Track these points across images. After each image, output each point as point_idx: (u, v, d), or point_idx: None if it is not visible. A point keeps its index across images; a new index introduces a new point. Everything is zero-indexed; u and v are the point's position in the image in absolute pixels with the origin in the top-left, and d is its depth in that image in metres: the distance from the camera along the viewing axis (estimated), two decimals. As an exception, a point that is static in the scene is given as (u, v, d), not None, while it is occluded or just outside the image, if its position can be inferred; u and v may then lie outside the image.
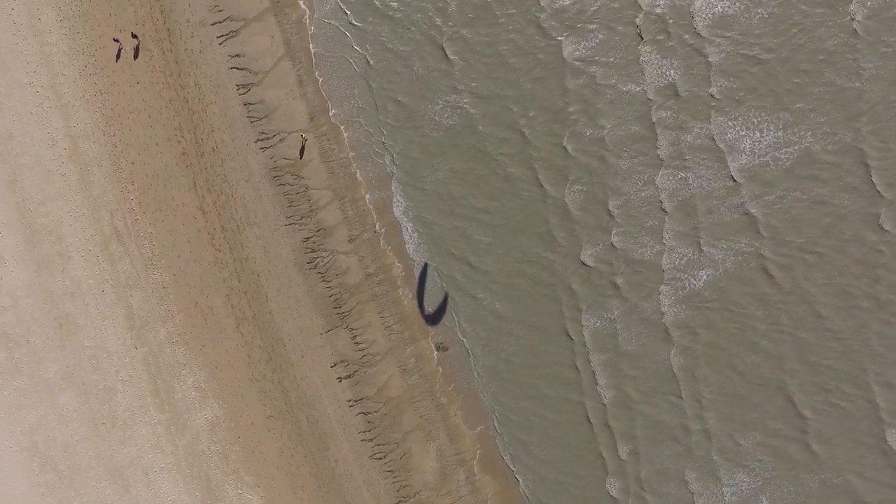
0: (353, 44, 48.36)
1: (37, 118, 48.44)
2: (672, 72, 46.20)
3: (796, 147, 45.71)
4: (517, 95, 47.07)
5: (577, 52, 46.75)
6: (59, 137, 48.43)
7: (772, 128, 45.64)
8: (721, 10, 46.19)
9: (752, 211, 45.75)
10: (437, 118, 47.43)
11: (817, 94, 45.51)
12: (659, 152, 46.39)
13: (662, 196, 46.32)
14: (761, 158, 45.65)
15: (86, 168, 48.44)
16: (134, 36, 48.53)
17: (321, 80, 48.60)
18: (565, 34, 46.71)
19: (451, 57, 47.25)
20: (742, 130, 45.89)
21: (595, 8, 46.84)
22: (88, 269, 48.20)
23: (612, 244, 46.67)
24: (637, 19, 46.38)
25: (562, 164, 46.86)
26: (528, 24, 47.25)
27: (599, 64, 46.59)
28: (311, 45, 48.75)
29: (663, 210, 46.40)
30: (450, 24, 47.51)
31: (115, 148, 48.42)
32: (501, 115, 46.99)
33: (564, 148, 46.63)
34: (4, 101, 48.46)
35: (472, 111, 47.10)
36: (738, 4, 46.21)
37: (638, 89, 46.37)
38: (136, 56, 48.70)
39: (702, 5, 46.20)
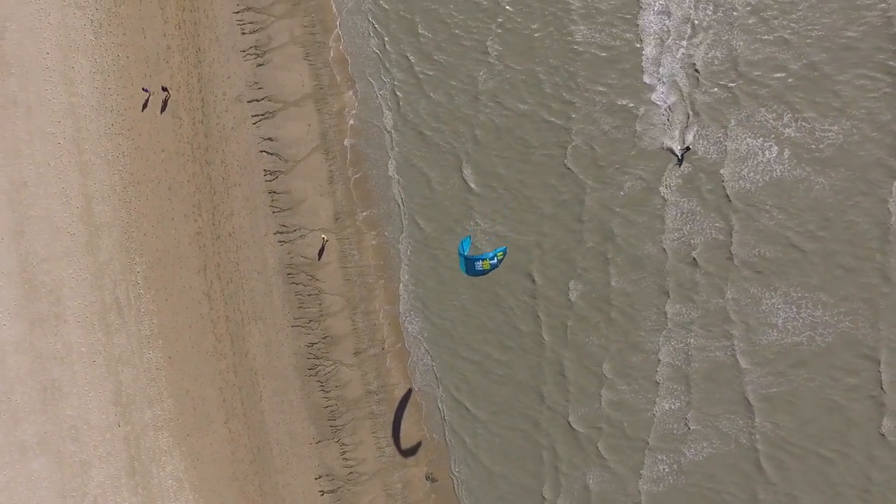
0: (390, 150, 45.60)
1: (54, 171, 46.24)
2: (695, 238, 43.11)
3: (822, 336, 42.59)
4: (535, 241, 44.21)
5: (601, 198, 43.87)
6: (74, 195, 46.22)
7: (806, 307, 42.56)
8: (755, 181, 43.00)
9: (756, 393, 42.76)
10: (453, 250, 44.69)
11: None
12: (668, 315, 43.51)
13: (661, 366, 43.43)
14: (794, 337, 42.43)
15: (96, 231, 46.23)
16: (164, 89, 46.06)
17: (353, 178, 45.81)
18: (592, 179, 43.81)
19: (475, 188, 44.43)
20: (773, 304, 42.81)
21: (630, 155, 43.80)
22: (83, 336, 46.12)
23: (602, 408, 43.91)
24: (665, 176, 43.40)
25: (563, 313, 44.07)
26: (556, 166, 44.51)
27: (620, 217, 43.67)
28: (346, 140, 45.87)
29: (656, 381, 43.50)
30: (479, 150, 44.81)
31: (129, 215, 46.13)
32: (517, 260, 44.09)
33: (570, 299, 43.79)
34: (24, 148, 46.31)
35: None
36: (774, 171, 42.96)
37: (655, 251, 43.31)
38: (162, 109, 46.25)
39: (732, 174, 43.01)
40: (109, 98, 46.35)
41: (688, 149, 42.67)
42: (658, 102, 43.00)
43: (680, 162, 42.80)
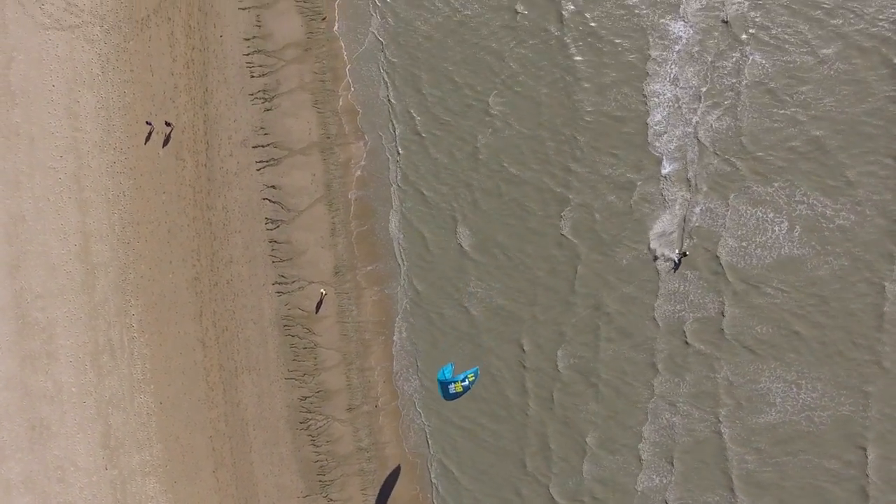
0: (394, 206, 44.72)
1: (53, 206, 45.54)
2: (689, 313, 42.16)
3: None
4: (527, 309, 43.51)
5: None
6: (72, 232, 45.51)
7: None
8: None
9: (741, 475, 41.90)
10: (447, 314, 44.04)
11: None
12: (656, 390, 42.64)
13: (645, 442, 42.55)
14: (782, 418, 41.51)
15: (92, 270, 45.52)
16: (167, 124, 45.23)
17: (356, 232, 44.96)
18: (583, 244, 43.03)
19: (470, 252, 43.53)
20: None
21: (628, 226, 42.85)
22: (74, 376, 45.49)
23: (585, 481, 43.06)
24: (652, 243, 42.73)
25: (551, 383, 43.49)
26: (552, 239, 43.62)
27: (614, 287, 42.73)
28: (351, 193, 45.00)
29: (640, 457, 42.63)
30: (477, 213, 43.87)
31: (126, 256, 45.39)
32: (508, 328, 43.26)
33: (558, 369, 43.01)
34: (24, 181, 45.62)
35: (479, 316, 43.42)
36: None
37: (647, 323, 42.37)
38: (165, 143, 45.43)
39: (730, 250, 41.97)
40: (113, 135, 45.58)
41: (685, 254, 41.73)
42: (661, 173, 41.94)
43: (676, 267, 41.84)
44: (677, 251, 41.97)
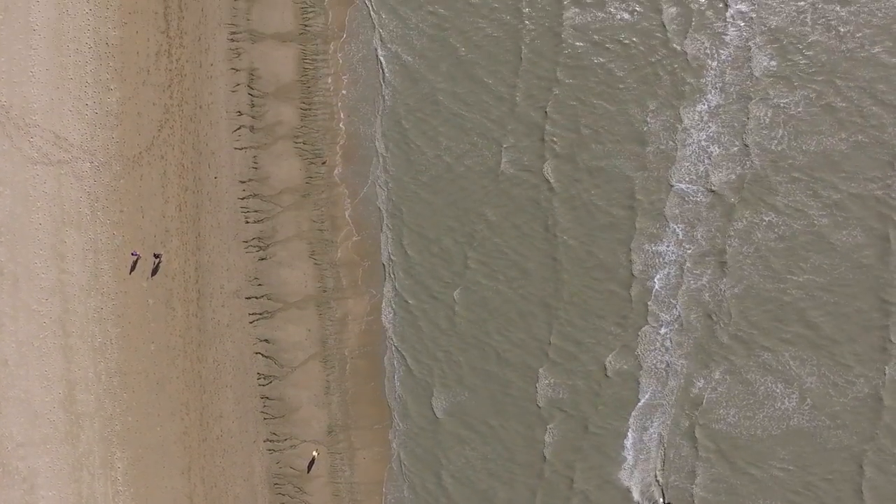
0: (390, 368, 43.13)
1: (37, 351, 43.83)
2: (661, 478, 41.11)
3: None
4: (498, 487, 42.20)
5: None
6: (56, 379, 43.85)
7: None
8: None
9: None
10: (430, 487, 42.76)
11: None
12: None
13: None
14: None
15: (77, 420, 43.90)
16: (156, 255, 43.36)
17: (351, 392, 43.44)
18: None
19: (445, 423, 42.36)
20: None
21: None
22: (55, 528, 43.95)
23: None
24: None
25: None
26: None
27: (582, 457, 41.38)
28: (347, 350, 43.38)
29: None
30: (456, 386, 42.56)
31: (113, 407, 43.79)
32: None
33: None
34: (7, 323, 43.85)
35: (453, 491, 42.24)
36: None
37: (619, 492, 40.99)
38: (153, 273, 43.61)
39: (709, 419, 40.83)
40: (101, 279, 43.78)
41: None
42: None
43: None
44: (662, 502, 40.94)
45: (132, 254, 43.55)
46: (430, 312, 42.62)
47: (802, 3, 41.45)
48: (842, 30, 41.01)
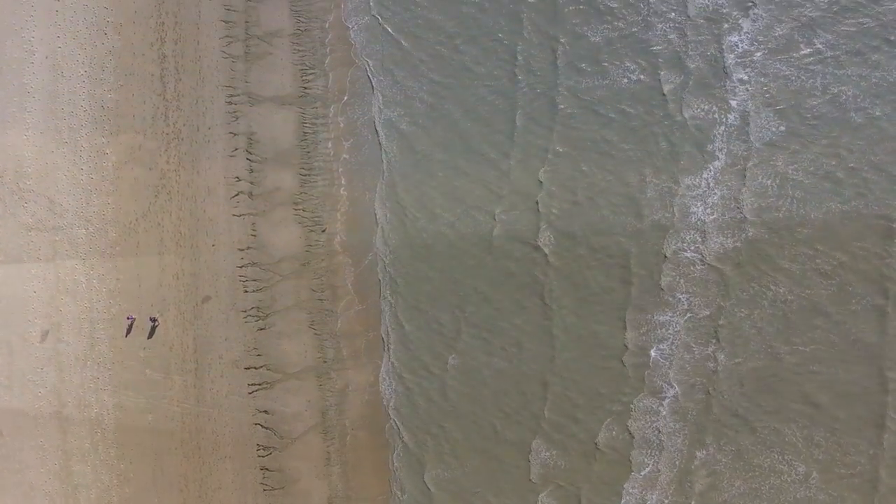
0: (393, 441, 42.50)
1: (31, 422, 43.11)
2: None
3: None
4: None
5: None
6: (51, 450, 43.10)
7: None
8: None
9: None
10: None
11: None
12: None
13: None
14: None
15: (73, 492, 43.23)
16: (152, 319, 42.62)
17: (352, 464, 42.77)
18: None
19: (434, 491, 41.83)
20: None
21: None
22: None
23: None
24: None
25: None
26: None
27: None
28: (348, 421, 42.75)
29: None
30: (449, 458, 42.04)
31: (110, 479, 43.06)
32: None
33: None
34: (1, 393, 43.02)
35: None
36: None
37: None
38: (150, 336, 42.87)
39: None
40: (96, 349, 43.07)
41: None
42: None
43: None
44: None
45: (128, 318, 42.77)
46: (425, 386, 41.94)
47: (802, 71, 40.81)
48: (842, 98, 40.49)
